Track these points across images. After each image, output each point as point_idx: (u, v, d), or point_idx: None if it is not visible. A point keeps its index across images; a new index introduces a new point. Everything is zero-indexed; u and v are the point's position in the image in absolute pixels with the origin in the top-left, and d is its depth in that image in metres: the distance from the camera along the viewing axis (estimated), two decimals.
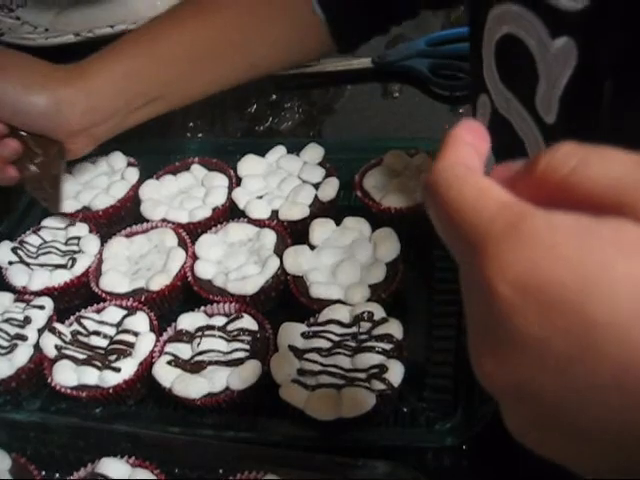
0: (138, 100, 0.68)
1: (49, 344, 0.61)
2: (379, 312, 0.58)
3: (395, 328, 0.57)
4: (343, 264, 0.63)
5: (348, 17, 0.70)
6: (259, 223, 0.69)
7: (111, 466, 0.52)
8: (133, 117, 0.69)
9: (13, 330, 0.63)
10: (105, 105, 0.66)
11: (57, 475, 0.55)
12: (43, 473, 0.54)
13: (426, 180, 0.28)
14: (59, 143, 0.67)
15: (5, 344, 0.62)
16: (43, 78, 0.65)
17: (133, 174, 0.76)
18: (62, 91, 0.64)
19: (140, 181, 0.75)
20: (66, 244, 0.71)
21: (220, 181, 0.74)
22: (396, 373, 0.54)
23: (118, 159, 0.78)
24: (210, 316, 0.62)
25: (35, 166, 0.67)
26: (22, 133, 0.66)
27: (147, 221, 0.72)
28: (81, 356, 0.60)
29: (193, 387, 0.56)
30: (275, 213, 0.70)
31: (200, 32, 0.68)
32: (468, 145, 0.28)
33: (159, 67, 0.68)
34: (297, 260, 0.64)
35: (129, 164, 0.78)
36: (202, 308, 0.63)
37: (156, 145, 0.84)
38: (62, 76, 0.66)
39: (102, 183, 0.76)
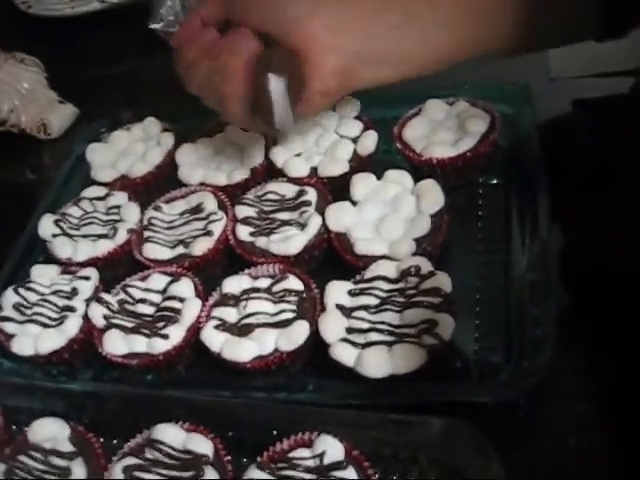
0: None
1: (97, 314, 0.61)
2: (426, 266, 0.57)
3: (443, 281, 0.56)
4: (387, 219, 0.62)
5: None
6: (298, 181, 0.68)
7: (166, 431, 0.52)
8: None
9: (61, 302, 0.64)
10: (356, 23, 0.58)
11: (114, 442, 0.55)
12: (101, 440, 0.54)
13: None
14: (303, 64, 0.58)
15: (55, 316, 0.63)
16: None
17: (168, 139, 0.76)
18: None
19: (176, 146, 0.75)
20: (107, 214, 0.72)
21: (257, 141, 0.73)
22: (446, 327, 0.53)
23: (152, 125, 0.78)
24: (255, 278, 0.61)
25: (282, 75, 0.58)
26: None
27: (185, 186, 0.72)
28: (129, 324, 0.61)
29: (242, 350, 0.56)
30: (314, 170, 0.69)
31: None
32: None
33: None
34: (339, 217, 0.63)
35: (164, 129, 0.78)
36: (246, 271, 0.62)
37: (189, 109, 0.82)
38: None
39: (138, 150, 0.77)
